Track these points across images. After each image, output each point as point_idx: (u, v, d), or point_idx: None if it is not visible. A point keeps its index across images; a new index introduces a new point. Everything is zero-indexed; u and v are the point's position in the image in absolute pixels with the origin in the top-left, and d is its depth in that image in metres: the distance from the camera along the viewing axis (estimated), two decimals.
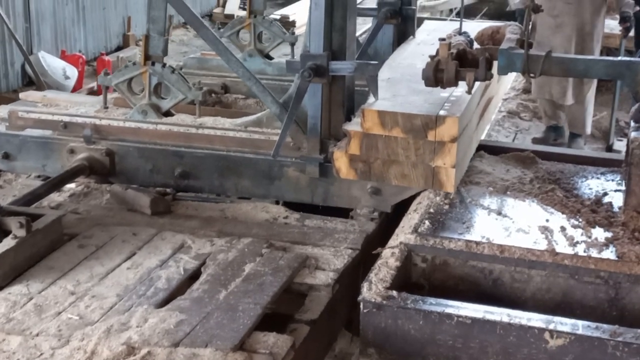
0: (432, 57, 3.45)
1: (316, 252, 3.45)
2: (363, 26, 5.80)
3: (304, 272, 3.30)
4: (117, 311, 2.95)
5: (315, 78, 3.63)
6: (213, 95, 4.68)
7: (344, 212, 3.85)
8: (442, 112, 3.50)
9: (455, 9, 11.76)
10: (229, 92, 4.68)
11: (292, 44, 4.76)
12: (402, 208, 3.75)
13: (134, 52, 10.92)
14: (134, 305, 2.98)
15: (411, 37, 4.55)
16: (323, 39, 3.64)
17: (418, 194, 3.72)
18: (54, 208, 3.77)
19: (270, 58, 4.87)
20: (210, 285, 3.13)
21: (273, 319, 3.04)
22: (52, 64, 9.60)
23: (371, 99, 3.66)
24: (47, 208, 3.74)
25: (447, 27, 4.71)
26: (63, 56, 10.11)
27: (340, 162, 3.66)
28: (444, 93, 3.74)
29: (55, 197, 3.87)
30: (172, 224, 3.65)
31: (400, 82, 3.89)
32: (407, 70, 4.05)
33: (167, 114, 4.00)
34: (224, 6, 12.84)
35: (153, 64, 3.93)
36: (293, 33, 4.81)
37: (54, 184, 3.79)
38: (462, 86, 3.81)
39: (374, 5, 4.52)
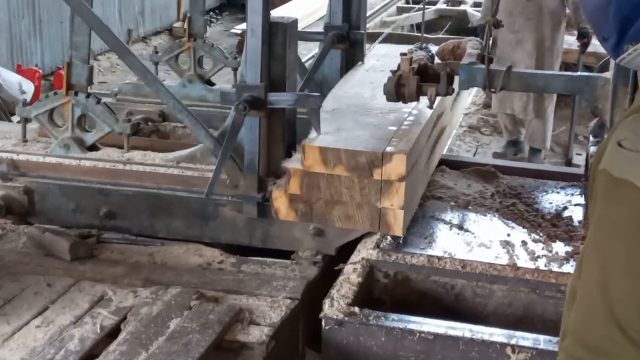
0: (393, 72, 3.29)
1: (251, 303, 3.04)
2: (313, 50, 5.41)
3: (236, 328, 2.88)
4: None
5: (252, 111, 3.23)
6: (150, 123, 4.24)
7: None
8: (388, 149, 3.11)
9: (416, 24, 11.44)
10: (167, 120, 4.25)
11: (235, 70, 4.34)
12: (347, 250, 3.37)
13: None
14: None
15: (360, 63, 4.15)
16: (260, 68, 3.23)
17: (364, 235, 3.34)
18: None
19: (212, 84, 4.44)
20: (129, 345, 2.70)
21: None
22: (7, 78, 9.11)
23: (313, 133, 3.27)
24: None
25: (398, 52, 4.31)
26: (19, 70, 9.63)
27: (279, 202, 3.26)
28: (392, 126, 3.36)
29: None
30: (94, 271, 3.21)
31: (346, 114, 3.50)
32: (354, 101, 3.65)
33: (92, 148, 3.55)
34: (184, 20, 12.38)
35: (76, 93, 3.49)
36: (235, 57, 4.39)
37: None
38: (413, 115, 3.47)
39: (321, 30, 4.12)
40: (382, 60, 4.23)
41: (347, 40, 4.08)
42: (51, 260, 3.28)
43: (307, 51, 6.50)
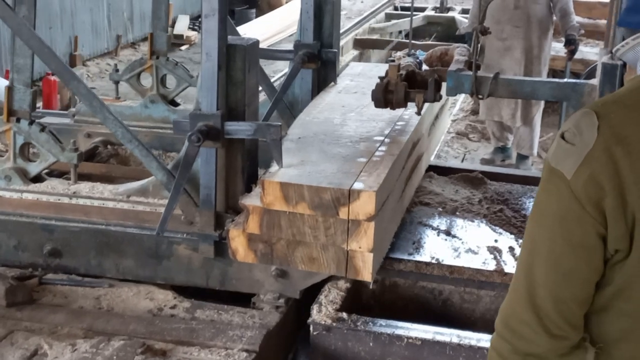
0: (381, 78, 3.13)
1: (203, 357, 2.64)
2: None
3: None
4: None
5: (208, 141, 2.82)
6: (109, 146, 3.83)
7: None
8: (356, 185, 2.70)
9: (403, 30, 11.09)
10: None
11: None
12: (314, 292, 2.98)
13: (81, 72, 10.13)
14: None
15: (332, 83, 3.73)
16: (217, 95, 2.82)
17: (330, 278, 2.95)
18: None
19: (176, 104, 4.02)
20: None
21: None
22: None
23: (274, 166, 2.86)
24: None
25: (374, 71, 3.90)
26: (7, 76, 9.21)
27: (237, 242, 2.85)
28: (362, 158, 2.95)
29: None
30: (31, 319, 2.80)
31: (313, 143, 3.08)
32: (322, 128, 3.23)
33: (36, 179, 3.13)
34: (172, 26, 11.94)
35: (18, 120, 3.07)
36: None
37: None
38: (386, 145, 3.07)
39: (291, 48, 3.69)
40: (356, 80, 3.81)
41: (318, 59, 3.66)
42: None
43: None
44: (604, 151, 1.36)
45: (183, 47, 11.44)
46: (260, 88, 3.70)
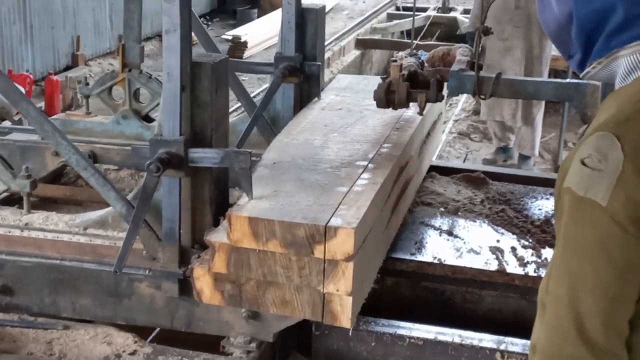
0: (383, 79, 3.01)
1: None
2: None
3: None
4: None
5: (170, 170, 2.44)
6: None
7: None
8: (333, 220, 2.31)
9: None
10: (99, 161, 3.43)
11: None
12: (289, 334, 2.62)
13: (83, 72, 9.82)
14: None
15: (315, 99, 3.34)
16: (180, 118, 2.44)
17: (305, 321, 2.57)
18: None
19: (150, 120, 3.63)
20: None
21: None
22: None
23: (243, 198, 2.48)
24: None
25: (362, 84, 3.50)
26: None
27: (203, 282, 2.46)
28: (342, 187, 2.56)
29: None
30: None
31: (289, 169, 2.69)
32: (301, 151, 2.84)
33: None
34: None
35: None
36: None
37: None
38: (369, 171, 2.68)
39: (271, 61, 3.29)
40: (342, 95, 3.40)
41: (300, 73, 3.27)
42: None
43: None
44: (635, 170, 1.33)
45: None
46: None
